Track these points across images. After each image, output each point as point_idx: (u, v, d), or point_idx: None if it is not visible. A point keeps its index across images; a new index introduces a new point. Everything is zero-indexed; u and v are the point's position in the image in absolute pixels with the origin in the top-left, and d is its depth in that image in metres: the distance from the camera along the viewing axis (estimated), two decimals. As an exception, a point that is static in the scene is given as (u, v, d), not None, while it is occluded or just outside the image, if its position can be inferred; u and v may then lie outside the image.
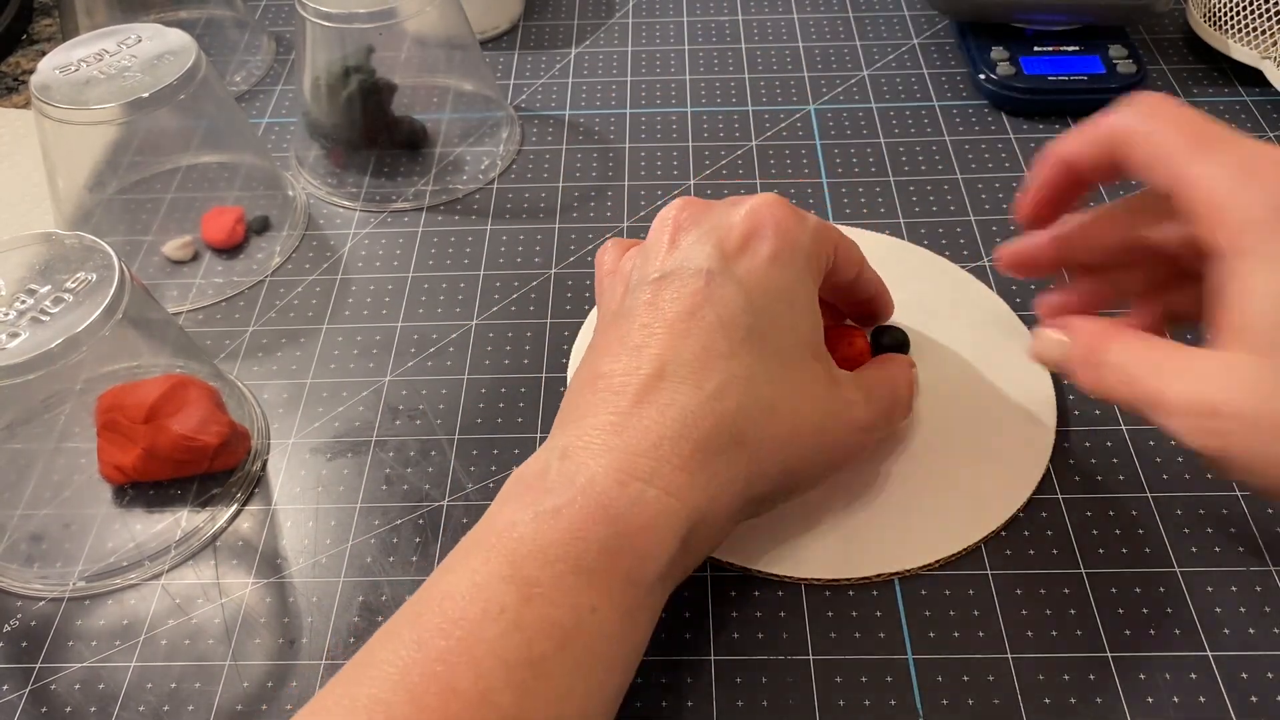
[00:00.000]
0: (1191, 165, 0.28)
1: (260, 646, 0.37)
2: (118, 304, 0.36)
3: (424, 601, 0.29)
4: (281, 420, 0.44)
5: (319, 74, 0.53)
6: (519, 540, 0.29)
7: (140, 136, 0.51)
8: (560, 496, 0.29)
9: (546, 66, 0.63)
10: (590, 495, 0.29)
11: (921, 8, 0.66)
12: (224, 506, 0.41)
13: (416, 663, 0.27)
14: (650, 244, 0.36)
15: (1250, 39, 0.57)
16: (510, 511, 0.30)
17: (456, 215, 0.53)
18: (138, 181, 0.53)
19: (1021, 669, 0.35)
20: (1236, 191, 0.27)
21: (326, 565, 0.39)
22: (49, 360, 0.34)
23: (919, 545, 0.38)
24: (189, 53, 0.46)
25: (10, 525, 0.41)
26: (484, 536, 0.30)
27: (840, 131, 0.57)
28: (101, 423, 0.40)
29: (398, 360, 0.46)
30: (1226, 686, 0.34)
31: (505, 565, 0.28)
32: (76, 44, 0.47)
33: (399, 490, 0.41)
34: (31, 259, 0.37)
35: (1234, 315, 0.27)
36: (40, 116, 0.45)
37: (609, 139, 0.57)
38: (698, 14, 0.67)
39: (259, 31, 0.65)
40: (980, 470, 0.40)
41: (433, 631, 0.27)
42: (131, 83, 0.45)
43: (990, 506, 0.39)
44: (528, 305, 0.48)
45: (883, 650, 0.36)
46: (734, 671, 0.36)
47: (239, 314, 0.49)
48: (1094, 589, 0.37)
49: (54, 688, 0.36)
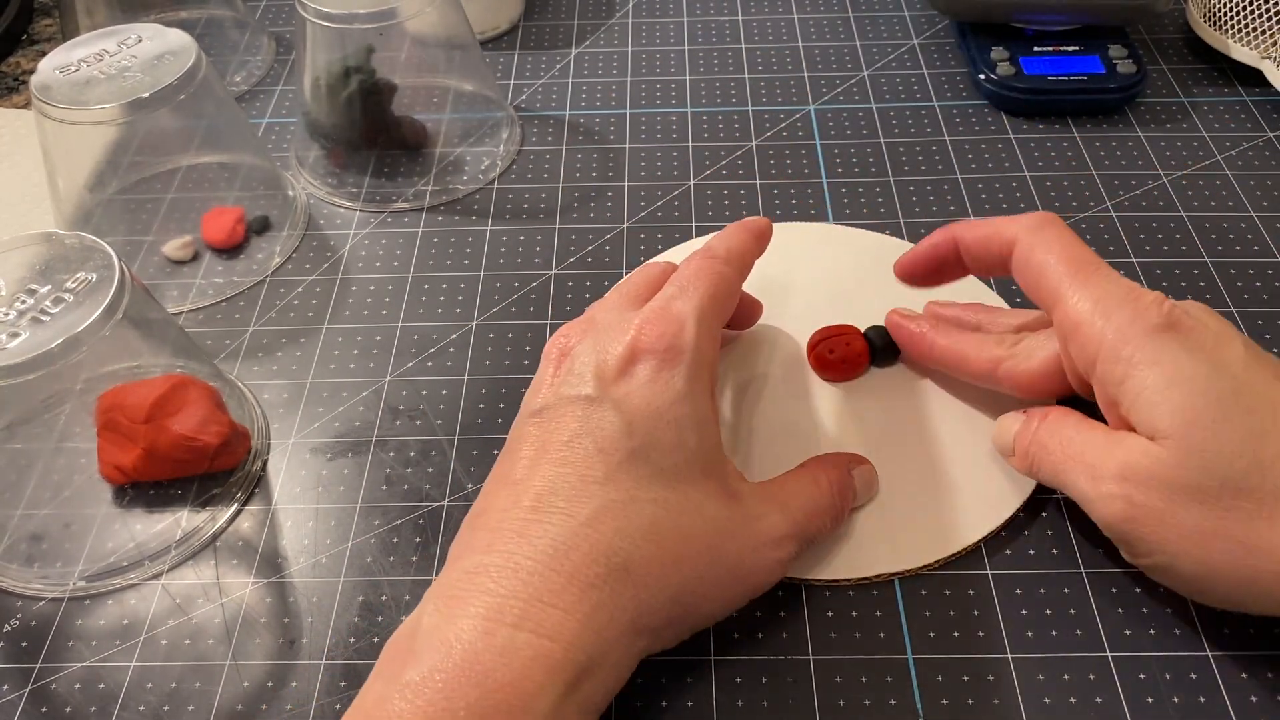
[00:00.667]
0: (1070, 294, 0.34)
1: (260, 646, 0.37)
2: (118, 304, 0.36)
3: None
4: (281, 420, 0.44)
5: (319, 74, 0.53)
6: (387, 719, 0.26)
7: (140, 136, 0.51)
8: (425, 663, 0.26)
9: (546, 67, 0.63)
10: (455, 655, 0.26)
11: (921, 8, 0.66)
12: (224, 506, 0.41)
13: None
14: (537, 376, 0.35)
15: (1250, 39, 0.57)
16: (379, 686, 0.27)
17: (456, 215, 0.53)
18: (138, 181, 0.53)
19: (1021, 669, 0.35)
20: (1109, 315, 0.33)
21: (326, 565, 0.39)
22: (49, 360, 0.34)
23: (919, 545, 0.38)
24: (189, 53, 0.46)
25: (10, 525, 0.41)
26: (355, 718, 0.27)
27: (840, 131, 0.57)
28: (101, 423, 0.40)
29: (398, 360, 0.46)
30: (1226, 687, 0.34)
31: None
32: (77, 44, 0.47)
33: (399, 490, 0.41)
34: (31, 259, 0.37)
35: (1136, 414, 0.32)
36: (40, 117, 0.45)
37: (609, 139, 0.57)
38: (698, 14, 0.67)
39: (259, 32, 0.65)
40: (980, 470, 0.40)
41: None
42: (132, 83, 0.45)
43: (990, 506, 0.39)
44: (528, 306, 0.48)
45: (883, 650, 0.36)
46: (734, 671, 0.36)
47: (239, 314, 0.49)
48: (1094, 589, 0.37)
49: (54, 688, 0.36)
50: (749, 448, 0.41)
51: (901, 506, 0.39)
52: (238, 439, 0.42)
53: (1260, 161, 0.54)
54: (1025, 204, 0.52)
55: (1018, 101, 0.57)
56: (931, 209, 0.52)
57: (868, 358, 0.43)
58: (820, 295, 0.47)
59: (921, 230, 0.51)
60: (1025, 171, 0.54)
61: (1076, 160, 0.54)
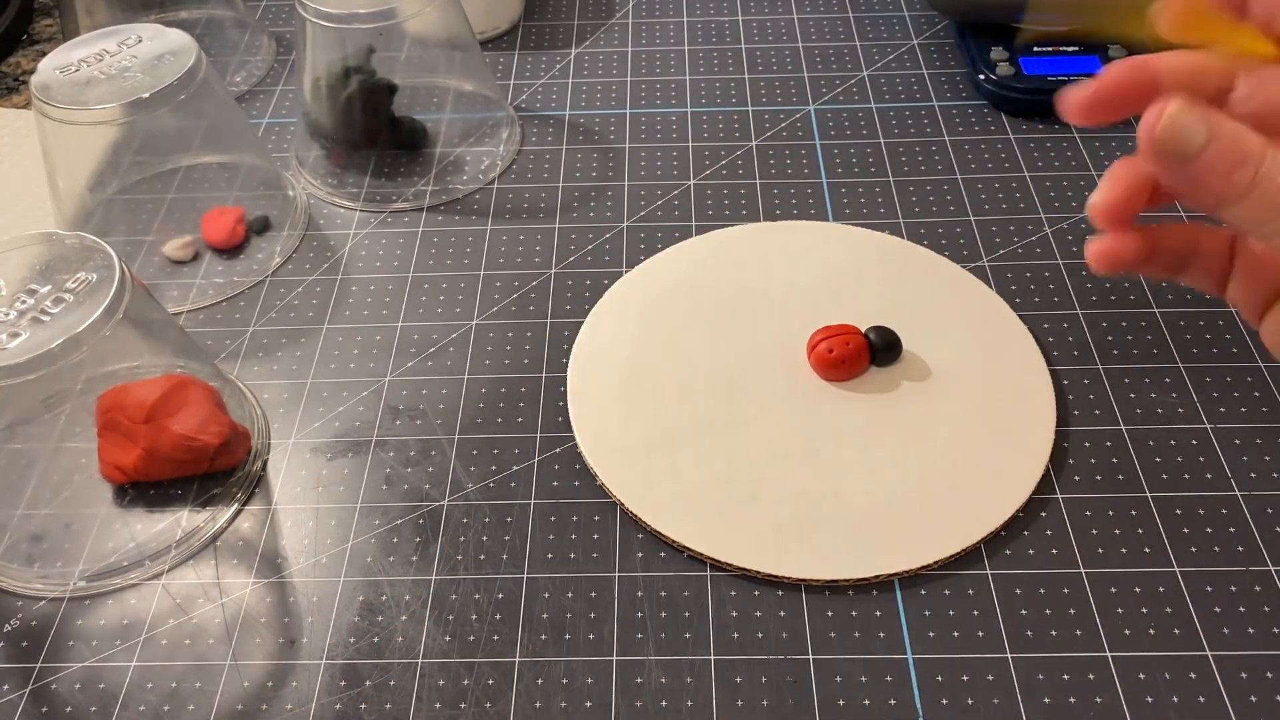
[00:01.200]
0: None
1: (260, 646, 0.37)
2: (118, 304, 0.36)
3: None
4: (282, 420, 0.44)
5: (319, 74, 0.53)
6: None
7: (140, 137, 0.51)
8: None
9: (546, 67, 0.63)
10: None
11: (921, 8, 0.66)
12: (224, 506, 0.41)
13: None
14: None
15: (1250, 39, 0.57)
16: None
17: (456, 215, 0.53)
18: (138, 181, 0.53)
19: (1021, 669, 0.35)
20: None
21: (327, 565, 0.39)
22: (49, 360, 0.34)
23: (919, 545, 0.38)
24: (189, 53, 0.46)
25: (11, 525, 0.41)
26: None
27: (840, 131, 0.57)
28: (102, 423, 0.40)
29: (398, 360, 0.46)
30: (1226, 686, 0.34)
31: None
32: (77, 44, 0.47)
33: (399, 490, 0.41)
34: (32, 259, 0.37)
35: None
36: (41, 117, 0.45)
37: (609, 139, 0.57)
38: (698, 14, 0.67)
39: (259, 31, 0.65)
40: (980, 470, 0.40)
41: None
42: (132, 83, 0.45)
43: (990, 506, 0.39)
44: (528, 305, 0.48)
45: (882, 650, 0.36)
46: (734, 671, 0.36)
47: (239, 314, 0.49)
48: (1093, 589, 0.37)
49: (54, 687, 0.36)
50: (749, 449, 0.41)
51: (901, 506, 0.39)
52: (238, 439, 0.42)
53: (1260, 161, 0.54)
54: (1025, 204, 0.52)
55: (1017, 102, 0.57)
56: (931, 209, 0.52)
57: (868, 358, 0.43)
58: (820, 295, 0.47)
59: (921, 230, 0.51)
60: (1025, 171, 0.54)
61: (1076, 160, 0.54)
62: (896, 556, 0.38)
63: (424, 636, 0.37)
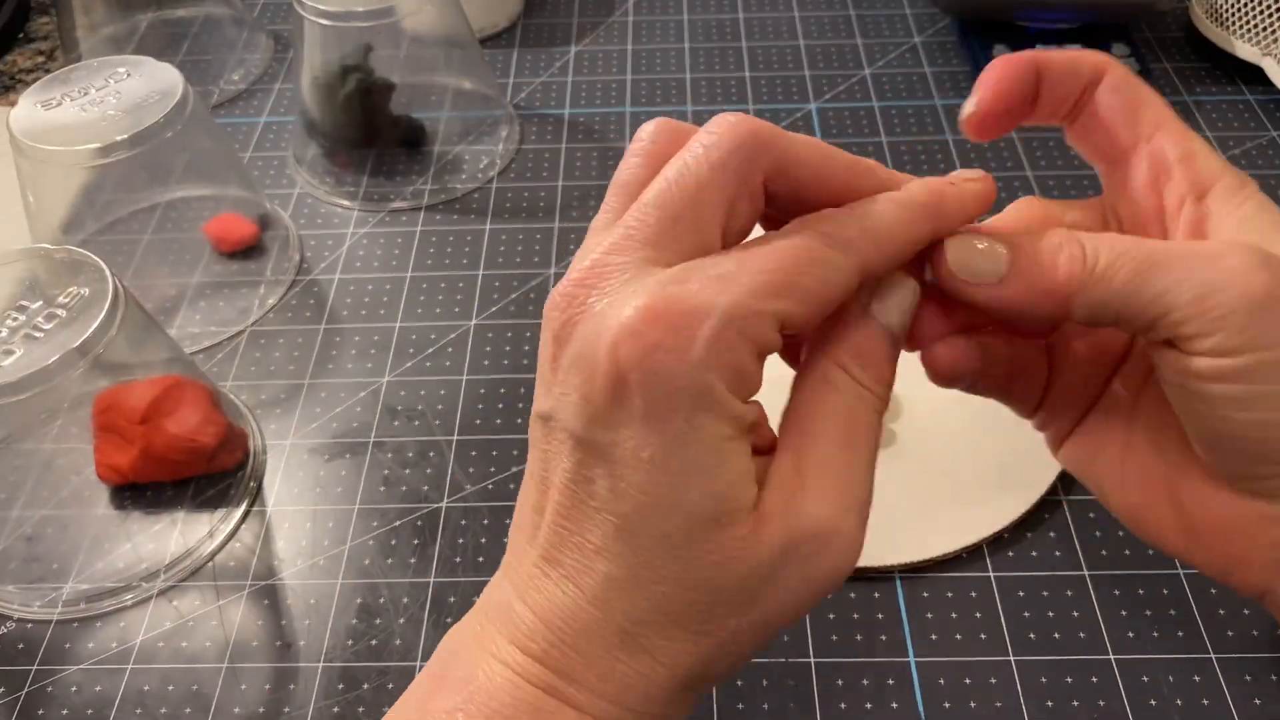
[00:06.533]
0: (1178, 125, 0.26)
1: (257, 649, 0.37)
2: (113, 318, 0.35)
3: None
4: (279, 421, 0.44)
5: (317, 72, 0.53)
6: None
7: (117, 177, 0.49)
8: (452, 698, 0.25)
9: (546, 65, 0.62)
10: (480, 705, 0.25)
11: (923, 6, 0.66)
12: (221, 508, 0.41)
13: None
14: (540, 353, 0.27)
15: (1254, 36, 0.57)
16: (422, 698, 0.26)
17: (455, 214, 0.53)
18: (112, 223, 0.51)
19: (1024, 671, 0.35)
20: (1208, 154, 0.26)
21: (324, 567, 0.39)
22: (45, 378, 0.34)
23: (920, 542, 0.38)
24: (175, 91, 0.45)
25: (6, 531, 0.40)
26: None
27: (842, 130, 0.56)
28: (98, 424, 0.40)
29: (396, 360, 0.46)
30: (1230, 690, 0.34)
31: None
32: (56, 79, 0.45)
33: (397, 491, 0.41)
34: (20, 274, 0.37)
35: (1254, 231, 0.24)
36: (18, 155, 0.44)
37: (609, 138, 0.57)
38: (698, 12, 0.66)
39: (257, 29, 0.65)
40: (981, 471, 0.40)
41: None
42: (113, 124, 0.43)
43: (993, 508, 0.39)
44: (527, 305, 0.48)
45: (884, 652, 0.36)
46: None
47: (237, 314, 0.48)
48: (1097, 591, 0.37)
49: (51, 690, 0.36)
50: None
51: (903, 506, 0.39)
52: (235, 440, 0.41)
53: (1264, 160, 0.53)
54: (1027, 203, 0.52)
55: (1019, 100, 0.56)
56: (933, 208, 0.52)
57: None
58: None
59: (923, 229, 0.50)
60: (1027, 171, 0.54)
61: (1077, 160, 0.54)
62: (897, 550, 0.38)
63: (422, 639, 0.37)
